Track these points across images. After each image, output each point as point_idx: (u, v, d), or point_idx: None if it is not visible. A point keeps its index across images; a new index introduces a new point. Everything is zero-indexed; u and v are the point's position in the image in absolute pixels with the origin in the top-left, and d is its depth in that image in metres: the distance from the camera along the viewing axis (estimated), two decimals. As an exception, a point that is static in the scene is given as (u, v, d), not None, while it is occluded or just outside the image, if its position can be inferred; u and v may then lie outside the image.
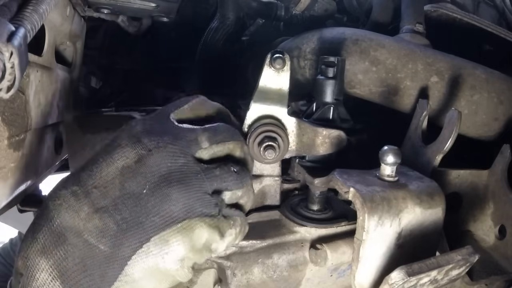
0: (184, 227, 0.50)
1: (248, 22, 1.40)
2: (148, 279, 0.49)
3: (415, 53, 0.90)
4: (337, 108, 0.76)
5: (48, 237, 0.48)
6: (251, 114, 0.67)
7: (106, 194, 0.50)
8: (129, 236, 0.48)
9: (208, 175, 0.53)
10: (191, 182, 0.52)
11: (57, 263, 0.47)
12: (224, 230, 0.53)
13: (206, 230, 0.51)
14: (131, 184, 0.50)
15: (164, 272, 0.49)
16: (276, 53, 0.65)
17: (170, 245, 0.49)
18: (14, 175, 0.63)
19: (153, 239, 0.48)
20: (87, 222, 0.48)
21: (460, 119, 0.68)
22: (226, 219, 0.54)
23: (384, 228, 0.56)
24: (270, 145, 0.64)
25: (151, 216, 0.49)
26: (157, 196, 0.50)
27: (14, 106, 0.60)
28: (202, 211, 0.51)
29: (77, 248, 0.47)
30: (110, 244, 0.48)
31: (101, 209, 0.49)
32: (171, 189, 0.50)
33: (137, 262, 0.48)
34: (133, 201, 0.50)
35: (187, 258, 0.50)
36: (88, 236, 0.48)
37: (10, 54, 0.44)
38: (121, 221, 0.49)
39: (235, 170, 0.56)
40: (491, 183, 0.81)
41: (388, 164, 0.59)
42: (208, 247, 0.52)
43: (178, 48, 1.48)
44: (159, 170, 0.51)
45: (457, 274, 0.57)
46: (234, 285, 0.63)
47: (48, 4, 0.55)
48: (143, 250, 0.48)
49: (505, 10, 1.44)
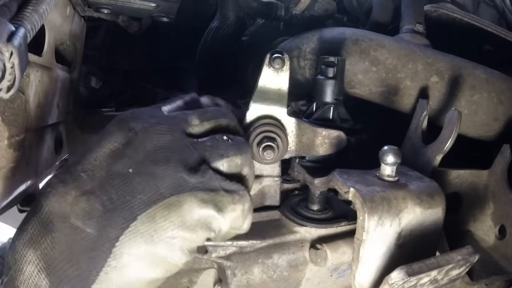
0: (171, 202, 0.47)
1: (248, 22, 1.40)
2: (138, 263, 0.46)
3: (415, 53, 0.90)
4: (337, 108, 0.76)
5: (36, 227, 0.46)
6: (250, 114, 0.67)
7: (93, 177, 0.48)
8: (116, 216, 0.46)
9: (199, 146, 0.51)
10: (179, 156, 0.49)
11: (43, 254, 0.45)
12: (222, 205, 0.49)
13: (197, 205, 0.47)
14: (118, 166, 0.49)
15: (155, 254, 0.46)
16: (275, 53, 0.65)
17: (157, 222, 0.46)
18: (14, 175, 0.63)
19: (139, 217, 0.46)
20: (74, 206, 0.46)
21: (460, 119, 0.68)
22: (226, 193, 0.49)
23: (384, 228, 0.56)
24: (269, 146, 0.64)
25: (137, 194, 0.47)
26: (143, 174, 0.48)
27: (14, 106, 0.60)
28: (194, 185, 0.48)
29: (63, 233, 0.45)
30: (96, 226, 0.45)
31: (88, 192, 0.47)
32: (157, 166, 0.48)
33: (125, 243, 0.45)
34: (120, 181, 0.48)
35: (180, 237, 0.47)
36: (74, 219, 0.46)
37: (10, 54, 0.44)
38: (108, 201, 0.47)
39: (229, 138, 0.53)
40: (491, 183, 0.81)
41: (388, 164, 0.59)
42: (204, 224, 0.48)
43: (178, 48, 1.48)
44: (145, 148, 0.49)
45: (457, 274, 0.57)
46: (234, 285, 0.63)
47: (48, 4, 0.55)
48: (130, 229, 0.45)
49: (505, 10, 1.44)
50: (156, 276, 0.47)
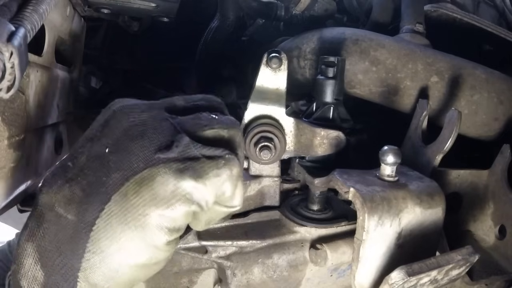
0: (143, 176, 0.43)
1: (248, 22, 1.40)
2: (117, 247, 0.43)
3: (415, 53, 0.90)
4: (337, 108, 0.76)
5: (33, 221, 0.46)
6: (249, 114, 0.67)
7: (76, 163, 0.47)
8: (93, 199, 0.44)
9: (178, 120, 0.47)
10: (156, 129, 0.46)
11: (37, 245, 0.44)
12: (203, 171, 0.44)
13: (172, 176, 0.43)
14: (96, 147, 0.47)
15: (131, 236, 0.43)
16: (272, 53, 0.65)
17: (129, 200, 0.43)
18: (14, 175, 0.63)
19: (113, 197, 0.43)
20: (58, 194, 0.45)
21: (460, 119, 0.68)
22: (207, 159, 0.44)
23: (384, 228, 0.56)
24: (266, 146, 0.64)
25: (112, 173, 0.44)
26: (118, 151, 0.45)
27: (14, 106, 0.60)
28: (169, 156, 0.44)
29: (51, 223, 0.44)
30: (75, 212, 0.44)
31: (70, 178, 0.46)
32: (132, 142, 0.45)
33: (101, 227, 0.43)
34: (97, 163, 0.45)
35: (156, 214, 0.43)
36: (58, 207, 0.44)
37: (10, 54, 0.44)
38: (87, 185, 0.45)
39: (215, 116, 0.49)
40: (491, 183, 0.81)
41: (388, 164, 0.59)
42: (182, 196, 0.43)
43: (178, 48, 1.48)
44: (121, 126, 0.47)
45: (457, 274, 0.57)
46: (234, 285, 0.63)
47: (48, 4, 0.55)
48: (105, 211, 0.43)
49: (505, 10, 1.44)
50: (140, 260, 0.44)
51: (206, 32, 1.32)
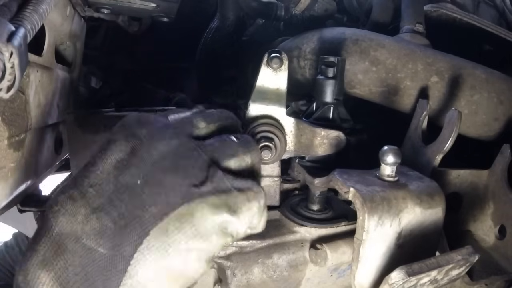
0: (182, 212, 0.44)
1: (248, 22, 1.40)
2: (155, 280, 0.44)
3: (415, 53, 0.90)
4: (337, 108, 0.76)
5: (48, 248, 0.44)
6: (249, 114, 0.67)
7: (101, 191, 0.46)
8: (128, 233, 0.44)
9: (206, 148, 0.49)
10: (188, 161, 0.47)
11: (57, 275, 0.43)
12: (237, 206, 0.46)
13: (209, 211, 0.45)
14: (125, 177, 0.46)
15: (171, 268, 0.44)
16: (273, 53, 0.65)
17: (170, 235, 0.44)
18: (14, 175, 0.63)
19: (152, 232, 0.44)
20: (85, 225, 0.44)
21: (460, 119, 0.68)
22: (239, 192, 0.47)
23: (384, 228, 0.56)
24: (267, 146, 0.64)
25: (147, 207, 0.44)
26: (152, 184, 0.45)
27: (14, 106, 0.60)
28: (204, 190, 0.45)
29: (77, 255, 0.44)
30: (109, 245, 0.44)
31: (97, 208, 0.45)
32: (165, 174, 0.46)
33: (140, 261, 0.43)
34: (129, 194, 0.45)
35: (196, 249, 0.45)
36: (86, 240, 0.44)
37: (10, 54, 0.44)
38: (118, 217, 0.44)
39: (237, 137, 0.51)
40: (491, 183, 0.81)
41: (388, 164, 0.59)
42: (219, 231, 0.46)
43: (178, 48, 1.48)
44: (151, 157, 0.47)
45: (457, 274, 0.57)
46: (234, 285, 0.63)
47: (48, 4, 0.55)
48: (144, 246, 0.43)
49: (505, 10, 1.44)
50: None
51: (206, 32, 1.32)
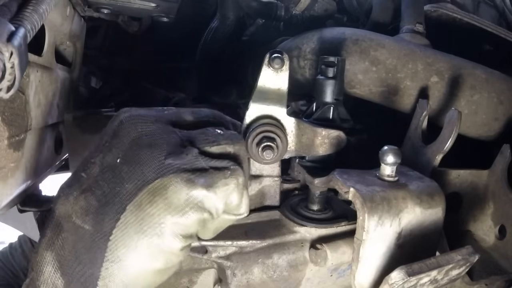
0: (155, 186, 0.45)
1: (248, 22, 1.40)
2: (134, 255, 0.45)
3: (415, 53, 0.90)
4: (337, 108, 0.76)
5: (51, 230, 0.48)
6: (250, 114, 0.67)
7: (89, 174, 0.49)
8: (108, 210, 0.46)
9: (186, 133, 0.50)
10: (164, 140, 0.48)
11: (57, 254, 0.46)
12: (212, 181, 0.46)
13: (184, 185, 0.45)
14: (108, 158, 0.49)
15: (148, 243, 0.45)
16: (274, 53, 0.65)
17: (144, 209, 0.45)
18: (14, 175, 0.63)
19: (128, 207, 0.45)
20: (75, 205, 0.47)
21: (460, 119, 0.68)
22: (215, 170, 0.48)
23: (384, 228, 0.56)
24: (269, 146, 0.64)
25: (125, 183, 0.46)
26: (129, 161, 0.47)
27: (14, 106, 0.60)
28: (179, 166, 0.46)
29: (69, 233, 0.46)
30: (92, 222, 0.46)
31: (86, 189, 0.48)
32: (141, 150, 0.47)
33: (118, 237, 0.45)
34: (110, 174, 0.47)
35: (169, 222, 0.45)
36: (75, 218, 0.46)
37: (10, 54, 0.44)
38: (102, 196, 0.47)
39: (221, 130, 0.52)
40: (491, 183, 0.81)
41: (388, 164, 0.59)
42: (195, 205, 0.46)
43: (178, 48, 1.48)
44: (130, 136, 0.49)
45: (457, 274, 0.57)
46: (234, 285, 0.63)
47: (48, 4, 0.55)
48: (121, 221, 0.45)
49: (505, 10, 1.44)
50: (158, 266, 0.46)
51: (206, 32, 1.32)
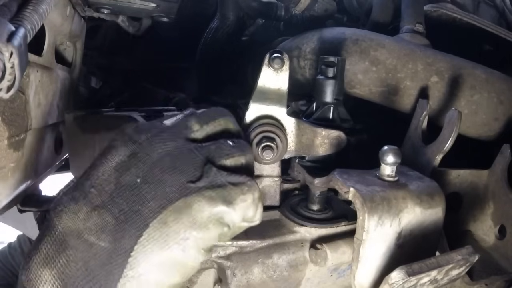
0: (180, 205, 0.47)
1: (248, 22, 1.40)
2: (155, 270, 0.46)
3: (415, 53, 0.90)
4: (337, 108, 0.76)
5: (50, 246, 0.46)
6: (250, 114, 0.67)
7: (103, 190, 0.49)
8: (128, 227, 0.46)
9: (203, 150, 0.52)
10: (185, 160, 0.50)
11: (60, 272, 0.45)
12: (231, 198, 0.49)
13: (206, 203, 0.48)
14: (125, 177, 0.49)
15: (171, 258, 0.46)
16: (274, 53, 0.65)
17: (169, 225, 0.46)
18: (14, 175, 0.63)
19: (151, 224, 0.46)
20: (86, 222, 0.47)
21: (460, 119, 0.68)
22: (233, 186, 0.50)
23: (384, 228, 0.56)
24: (268, 146, 0.64)
25: (147, 202, 0.47)
26: (151, 182, 0.49)
27: (14, 106, 0.60)
28: (200, 185, 0.49)
29: (78, 251, 0.45)
30: (110, 239, 0.46)
31: (99, 206, 0.48)
32: (163, 173, 0.49)
33: (140, 252, 0.45)
34: (129, 192, 0.48)
35: (193, 237, 0.47)
36: (88, 235, 0.46)
37: (10, 54, 0.44)
38: (119, 213, 0.47)
39: (232, 142, 0.54)
40: (491, 183, 0.81)
41: (388, 164, 0.59)
42: (216, 220, 0.49)
43: (178, 48, 1.48)
44: (151, 158, 0.50)
45: (457, 274, 0.57)
46: (234, 285, 0.63)
47: (48, 4, 0.55)
48: (144, 237, 0.46)
49: (505, 10, 1.44)
50: (175, 280, 0.48)
51: (206, 32, 1.32)
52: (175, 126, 0.55)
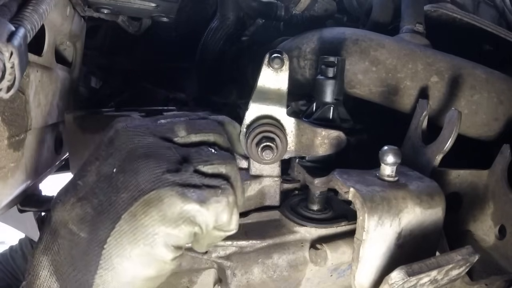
0: (151, 197, 0.46)
1: (248, 22, 1.40)
2: (128, 263, 0.46)
3: (415, 53, 0.90)
4: (337, 108, 0.76)
5: (48, 235, 0.49)
6: (250, 114, 0.67)
7: (86, 182, 0.50)
8: (104, 218, 0.47)
9: (181, 150, 0.51)
10: (160, 153, 0.49)
11: (53, 258, 0.48)
12: (205, 198, 0.48)
13: (178, 199, 0.46)
14: (104, 168, 0.50)
15: (140, 252, 0.46)
16: (274, 53, 0.65)
17: (138, 219, 0.46)
18: (14, 175, 0.63)
19: (123, 217, 0.46)
20: (71, 212, 0.48)
21: (460, 119, 0.68)
22: (207, 187, 0.49)
23: (384, 228, 0.56)
24: (268, 146, 0.64)
25: (121, 193, 0.47)
26: (125, 171, 0.48)
27: (14, 106, 0.60)
28: (174, 180, 0.47)
29: (65, 239, 0.47)
30: (88, 230, 0.47)
31: (82, 197, 0.49)
32: (138, 161, 0.48)
33: (113, 245, 0.46)
34: (106, 183, 0.49)
35: (162, 233, 0.46)
36: (71, 225, 0.47)
37: (10, 54, 0.44)
38: (97, 204, 0.48)
39: (214, 150, 0.53)
40: (491, 183, 0.81)
41: (388, 164, 0.59)
42: (187, 218, 0.47)
43: (178, 48, 1.48)
44: (126, 146, 0.50)
45: (457, 274, 0.57)
46: (234, 285, 0.63)
47: (48, 4, 0.55)
48: (116, 230, 0.46)
49: (505, 10, 1.44)
50: (150, 274, 0.47)
51: (206, 32, 1.32)
52: (160, 126, 0.54)
